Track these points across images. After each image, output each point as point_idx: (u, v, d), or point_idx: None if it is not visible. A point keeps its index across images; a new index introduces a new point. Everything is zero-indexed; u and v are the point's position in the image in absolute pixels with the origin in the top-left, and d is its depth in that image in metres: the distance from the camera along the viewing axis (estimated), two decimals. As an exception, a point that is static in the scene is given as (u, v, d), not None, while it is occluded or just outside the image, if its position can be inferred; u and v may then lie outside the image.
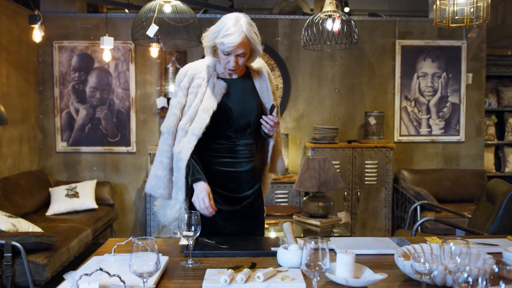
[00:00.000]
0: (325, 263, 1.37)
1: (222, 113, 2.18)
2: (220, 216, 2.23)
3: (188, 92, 2.21)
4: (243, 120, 2.22)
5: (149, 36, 3.05)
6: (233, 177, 2.25)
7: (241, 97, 2.23)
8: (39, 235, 3.31)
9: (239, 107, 2.21)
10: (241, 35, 2.04)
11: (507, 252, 1.68)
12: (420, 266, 1.44)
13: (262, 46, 2.18)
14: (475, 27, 3.07)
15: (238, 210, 2.28)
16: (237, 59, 2.10)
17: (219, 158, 2.23)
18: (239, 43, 2.04)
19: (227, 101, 2.20)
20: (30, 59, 5.15)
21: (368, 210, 5.03)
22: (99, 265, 1.72)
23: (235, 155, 2.24)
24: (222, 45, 2.06)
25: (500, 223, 3.18)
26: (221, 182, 2.25)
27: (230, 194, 2.26)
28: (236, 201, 2.28)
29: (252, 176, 2.30)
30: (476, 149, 5.58)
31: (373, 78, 5.50)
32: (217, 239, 2.10)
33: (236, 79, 2.26)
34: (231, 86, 2.23)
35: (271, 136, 2.31)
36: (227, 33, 2.04)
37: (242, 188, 2.28)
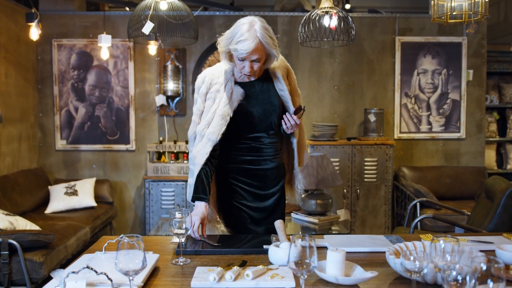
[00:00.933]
0: (313, 261, 1.35)
1: (242, 118, 2.19)
2: (249, 212, 2.29)
3: (206, 98, 2.23)
4: (265, 121, 2.22)
5: (144, 33, 3.04)
6: (259, 175, 2.28)
7: (261, 99, 2.23)
8: (36, 233, 3.31)
9: (260, 109, 2.21)
10: (254, 41, 2.02)
11: (500, 250, 1.66)
12: (410, 264, 1.43)
13: (279, 49, 2.15)
14: (473, 23, 3.05)
15: (267, 208, 2.32)
16: (252, 64, 2.09)
17: (245, 157, 2.26)
18: (252, 50, 2.02)
19: (247, 105, 2.20)
20: (29, 57, 5.15)
21: (367, 207, 5.01)
22: (89, 263, 1.72)
23: (260, 153, 2.26)
24: (236, 51, 2.05)
25: (499, 220, 3.16)
26: (248, 179, 2.28)
27: (256, 191, 2.29)
28: (263, 198, 2.31)
29: (277, 174, 2.33)
30: (476, 146, 5.55)
31: (373, 75, 5.47)
32: (210, 237, 2.09)
33: (255, 81, 2.25)
34: (250, 89, 2.22)
35: (291, 134, 2.30)
36: (240, 39, 2.02)
37: (268, 185, 2.31)
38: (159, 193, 4.95)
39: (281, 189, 2.37)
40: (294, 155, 2.37)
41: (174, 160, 5.11)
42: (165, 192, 4.93)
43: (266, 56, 2.14)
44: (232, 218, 2.32)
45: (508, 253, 1.63)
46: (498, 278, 1.19)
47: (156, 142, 5.32)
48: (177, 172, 4.97)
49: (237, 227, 2.31)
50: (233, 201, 2.30)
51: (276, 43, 2.13)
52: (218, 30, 5.24)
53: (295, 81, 2.37)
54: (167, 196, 4.94)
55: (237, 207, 2.30)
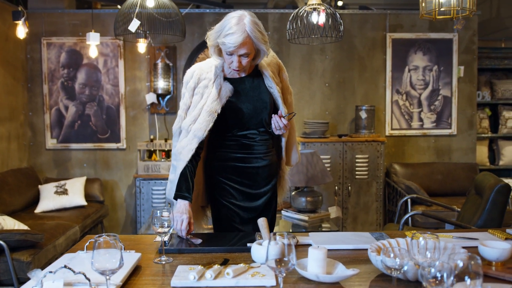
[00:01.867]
0: (292, 259, 1.34)
1: (232, 114, 2.16)
2: (238, 212, 2.25)
3: (194, 93, 2.19)
4: (256, 118, 2.19)
5: (130, 31, 3.01)
6: (250, 173, 2.24)
7: (251, 95, 2.19)
8: (23, 232, 3.29)
9: (250, 106, 2.18)
10: (243, 34, 1.98)
11: (482, 246, 1.66)
12: (390, 261, 1.42)
13: (268, 45, 2.12)
14: (461, 19, 3.05)
15: (258, 207, 2.28)
16: (240, 59, 2.05)
17: (235, 154, 2.22)
18: (240, 43, 1.99)
19: (237, 101, 2.17)
20: (17, 56, 5.11)
21: (359, 204, 5.01)
22: (70, 262, 1.70)
23: (251, 151, 2.22)
24: (223, 45, 2.01)
25: (488, 216, 3.16)
26: (238, 178, 2.24)
27: (247, 190, 2.25)
28: (253, 198, 2.27)
29: (269, 172, 2.29)
30: (468, 142, 5.55)
31: (364, 72, 5.46)
32: (195, 235, 2.08)
33: (245, 77, 2.21)
34: (239, 85, 2.19)
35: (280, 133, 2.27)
36: (229, 32, 1.99)
37: (259, 184, 2.27)
38: (150, 191, 4.93)
39: (273, 189, 2.34)
40: (282, 153, 2.35)
41: (165, 158, 5.09)
42: (156, 191, 4.91)
43: (256, 52, 2.10)
44: (220, 217, 2.29)
45: (490, 249, 1.63)
46: (476, 274, 1.19)
47: (147, 141, 5.29)
48: (167, 170, 4.95)
49: (226, 226, 2.27)
50: (222, 200, 2.26)
51: (267, 39, 2.09)
52: (209, 27, 5.16)
53: (287, 79, 2.33)
54: (158, 195, 4.92)
55: (226, 207, 2.26)
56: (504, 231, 2.12)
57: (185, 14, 5.22)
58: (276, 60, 2.33)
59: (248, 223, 2.27)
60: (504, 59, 6.24)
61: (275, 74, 2.26)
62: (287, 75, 2.36)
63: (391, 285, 1.48)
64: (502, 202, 3.12)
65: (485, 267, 1.63)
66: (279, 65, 2.32)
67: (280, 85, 2.27)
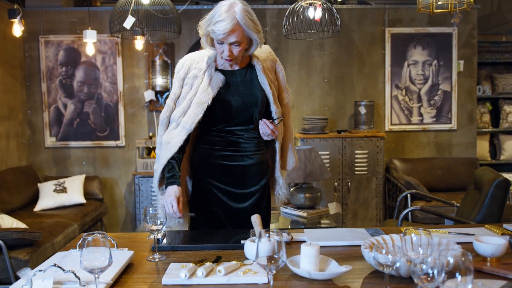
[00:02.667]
0: (282, 256, 1.33)
1: (220, 107, 2.09)
2: (227, 213, 2.18)
3: (184, 83, 2.13)
4: (245, 113, 2.11)
5: (126, 28, 3.00)
6: (236, 172, 2.15)
7: (241, 89, 2.11)
8: (21, 231, 3.29)
9: (239, 100, 2.09)
10: (232, 21, 1.92)
11: (477, 242, 1.64)
12: (383, 258, 1.40)
13: (261, 35, 2.05)
14: (458, 13, 3.02)
15: (245, 209, 2.18)
16: (231, 48, 1.99)
17: (220, 151, 2.13)
18: (229, 30, 1.92)
19: (226, 94, 2.09)
20: (16, 54, 5.10)
21: (359, 200, 4.99)
22: (62, 260, 1.69)
23: (238, 148, 2.14)
24: (213, 32, 1.96)
25: (487, 212, 3.14)
26: (224, 177, 2.16)
27: (233, 189, 2.17)
28: (241, 199, 2.18)
29: (257, 171, 2.19)
30: (468, 137, 5.52)
31: (363, 67, 5.44)
32: (190, 232, 2.07)
33: (237, 70, 2.14)
34: (231, 78, 2.12)
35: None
36: (218, 19, 1.93)
37: (246, 184, 2.18)
38: (149, 188, 4.92)
39: (262, 189, 2.23)
40: (276, 157, 2.25)
41: (164, 156, 5.07)
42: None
43: (248, 41, 2.04)
44: (206, 219, 2.21)
45: (485, 245, 1.61)
46: (467, 271, 1.17)
47: (146, 138, 5.28)
48: (166, 167, 4.94)
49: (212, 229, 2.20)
50: (208, 202, 2.19)
51: (259, 28, 2.03)
52: (207, 24, 5.18)
53: (284, 77, 2.26)
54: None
55: (211, 210, 2.19)
56: (501, 227, 2.10)
57: (183, 11, 5.20)
58: (273, 56, 2.25)
59: (235, 226, 2.18)
60: (505, 53, 6.20)
61: (270, 71, 2.20)
62: (284, 73, 2.27)
63: (384, 281, 1.47)
64: (501, 197, 3.10)
65: (480, 263, 1.62)
66: (275, 62, 2.24)
67: (275, 83, 2.21)
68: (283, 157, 2.29)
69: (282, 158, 2.28)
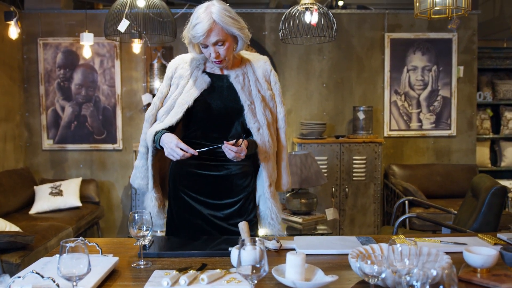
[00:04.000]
0: (263, 265, 1.30)
1: (201, 109, 2.04)
2: (204, 220, 2.12)
3: (171, 83, 2.12)
4: (226, 119, 2.06)
5: (120, 31, 2.98)
6: (208, 182, 2.09)
7: (225, 95, 2.06)
8: (13, 234, 3.26)
9: (220, 104, 2.05)
10: (209, 21, 1.88)
11: (467, 252, 1.60)
12: (368, 268, 1.37)
13: (245, 31, 2.00)
14: (455, 18, 3.00)
15: (222, 218, 2.12)
16: (216, 49, 1.95)
17: (194, 160, 2.03)
18: (207, 30, 1.89)
19: (208, 96, 2.04)
20: (14, 56, 5.09)
21: (356, 206, 4.95)
22: (44, 267, 1.66)
23: (212, 157, 2.06)
24: (194, 38, 1.93)
25: (483, 220, 3.11)
26: (197, 186, 2.11)
27: (207, 199, 2.11)
28: (216, 208, 2.11)
29: (233, 183, 2.11)
30: (468, 144, 5.48)
31: (362, 72, 5.41)
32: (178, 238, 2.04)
33: (226, 75, 2.09)
34: (217, 81, 2.08)
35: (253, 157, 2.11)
36: (196, 22, 1.91)
37: (219, 195, 2.11)
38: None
39: (243, 202, 2.12)
40: (262, 177, 2.12)
41: (161, 160, 5.05)
42: (152, 192, 4.87)
43: (233, 39, 1.99)
44: (184, 227, 2.15)
45: (475, 255, 1.58)
46: (451, 283, 1.14)
47: (143, 141, 5.26)
48: (163, 171, 4.91)
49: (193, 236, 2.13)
50: (183, 210, 2.13)
51: (242, 25, 1.99)
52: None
53: (278, 90, 2.17)
54: (154, 196, 4.88)
55: (188, 218, 2.13)
56: (494, 236, 2.06)
57: (181, 14, 5.19)
58: (267, 66, 2.17)
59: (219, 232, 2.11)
60: (506, 59, 6.16)
61: (261, 80, 2.13)
62: (279, 86, 2.18)
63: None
64: (497, 204, 3.07)
65: (470, 274, 1.58)
66: (267, 71, 2.16)
67: (267, 93, 2.12)
68: (278, 176, 2.20)
69: (277, 177, 2.19)
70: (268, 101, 2.13)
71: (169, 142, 1.93)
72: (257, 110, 2.07)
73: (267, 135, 2.08)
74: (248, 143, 2.00)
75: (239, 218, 2.10)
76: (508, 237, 1.99)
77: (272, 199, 2.14)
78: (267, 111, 2.10)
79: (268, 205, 2.14)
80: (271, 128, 2.11)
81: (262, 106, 2.08)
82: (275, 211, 2.15)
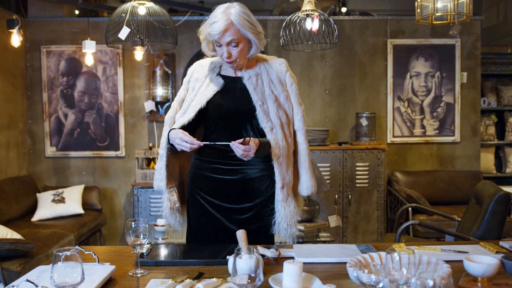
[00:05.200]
0: (258, 274, 1.28)
1: (214, 110, 2.08)
2: (219, 225, 2.12)
3: (188, 86, 2.18)
4: (237, 120, 2.08)
5: (120, 38, 2.99)
6: (224, 186, 2.10)
7: (238, 95, 2.09)
8: (13, 241, 3.26)
9: (232, 104, 2.07)
10: (226, 21, 1.93)
11: (467, 261, 1.58)
12: (365, 277, 1.35)
13: (261, 36, 2.03)
14: (457, 24, 2.98)
15: (238, 222, 2.10)
16: (228, 49, 1.99)
17: (210, 164, 2.10)
18: (223, 30, 1.93)
19: (220, 98, 2.08)
20: (17, 64, 5.12)
21: (359, 213, 4.92)
22: (40, 275, 1.66)
23: (227, 161, 2.08)
24: (209, 35, 1.98)
25: (487, 227, 3.07)
26: (211, 189, 2.12)
27: (222, 204, 2.11)
28: (233, 212, 2.11)
29: (250, 188, 2.10)
30: (472, 150, 5.44)
31: (365, 79, 5.39)
32: (176, 246, 2.03)
33: (239, 78, 2.12)
34: (230, 83, 2.11)
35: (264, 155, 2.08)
36: (214, 21, 1.95)
37: (236, 199, 2.10)
38: (148, 199, 4.89)
39: (262, 204, 2.10)
40: (276, 177, 2.06)
41: (163, 166, 5.04)
42: (154, 199, 4.87)
43: (247, 42, 2.02)
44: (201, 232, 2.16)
45: (475, 264, 1.55)
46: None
47: (146, 148, 5.26)
48: (165, 178, 4.90)
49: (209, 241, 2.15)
50: (201, 215, 2.15)
51: (258, 30, 2.02)
52: (208, 34, 5.18)
53: (295, 91, 2.15)
54: (156, 203, 4.87)
55: (204, 222, 2.14)
56: (497, 244, 2.03)
57: (184, 22, 5.20)
58: (283, 67, 2.16)
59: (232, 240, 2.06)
60: (510, 64, 6.13)
61: (275, 81, 2.13)
62: (296, 87, 2.17)
63: (367, 302, 1.41)
64: (501, 211, 3.03)
65: (471, 283, 1.56)
66: (283, 72, 2.15)
67: (281, 94, 2.11)
68: (296, 180, 2.16)
69: (294, 180, 2.15)
70: (283, 102, 2.12)
71: (175, 137, 1.98)
72: (270, 110, 2.07)
73: (281, 135, 2.06)
74: (260, 143, 1.98)
75: (257, 223, 2.10)
76: (510, 245, 1.96)
77: (284, 202, 2.07)
78: (281, 112, 2.09)
79: (278, 208, 2.08)
80: (285, 128, 2.09)
81: (275, 107, 2.08)
82: (284, 215, 2.08)
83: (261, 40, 2.05)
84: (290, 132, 2.12)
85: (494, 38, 6.97)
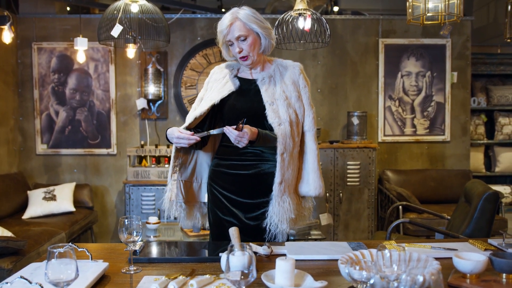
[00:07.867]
0: (251, 271, 1.30)
1: (228, 110, 2.18)
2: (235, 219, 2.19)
3: (208, 87, 2.27)
4: (251, 122, 2.09)
5: (113, 36, 2.98)
6: (239, 181, 2.17)
7: (253, 97, 2.17)
8: (4, 239, 3.24)
9: (246, 104, 2.16)
10: (231, 15, 2.08)
11: (456, 258, 1.61)
12: (357, 274, 1.37)
13: (269, 31, 2.14)
14: (447, 24, 3.01)
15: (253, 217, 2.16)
16: (239, 44, 2.10)
17: (227, 161, 2.20)
18: (229, 23, 2.07)
19: (235, 98, 2.18)
20: (8, 60, 5.09)
21: (350, 211, 4.96)
22: (34, 272, 1.66)
23: (242, 157, 2.17)
24: (220, 33, 2.12)
25: (476, 225, 3.11)
26: (228, 185, 2.20)
27: (238, 198, 2.18)
28: (249, 207, 2.17)
29: (266, 183, 2.12)
30: (461, 149, 5.50)
31: (357, 78, 5.43)
32: (169, 244, 2.04)
33: (255, 80, 2.20)
34: (245, 85, 2.21)
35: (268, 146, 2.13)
36: (222, 20, 2.12)
37: (252, 194, 2.16)
38: (140, 197, 4.88)
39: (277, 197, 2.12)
40: (276, 172, 2.08)
41: (155, 164, 5.04)
42: (146, 197, 4.87)
43: (256, 36, 2.12)
44: (222, 228, 2.20)
45: (464, 261, 1.58)
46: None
47: (137, 146, 5.25)
48: (157, 176, 4.91)
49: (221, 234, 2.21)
50: (220, 211, 2.22)
51: (266, 25, 2.13)
52: (200, 32, 5.19)
53: (307, 94, 2.20)
54: (148, 201, 4.87)
55: (224, 219, 2.20)
56: (485, 242, 2.07)
57: (176, 19, 5.20)
58: (296, 70, 2.22)
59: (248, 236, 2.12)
60: (500, 65, 6.20)
61: (288, 82, 2.18)
62: (308, 90, 2.22)
63: (359, 298, 1.43)
64: (490, 210, 3.07)
65: (460, 280, 1.59)
66: (296, 75, 2.21)
67: (293, 94, 2.16)
68: (301, 179, 2.20)
69: (302, 180, 2.20)
70: (294, 102, 2.17)
71: (172, 136, 2.06)
72: (280, 109, 2.13)
73: (288, 131, 2.09)
74: (260, 132, 2.03)
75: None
76: (498, 242, 2.00)
77: (279, 198, 2.08)
78: (291, 110, 2.14)
79: (272, 202, 2.09)
80: (294, 127, 2.13)
81: (285, 105, 2.13)
82: (277, 210, 2.08)
83: (268, 34, 2.14)
84: (298, 131, 2.16)
85: (484, 39, 7.04)
